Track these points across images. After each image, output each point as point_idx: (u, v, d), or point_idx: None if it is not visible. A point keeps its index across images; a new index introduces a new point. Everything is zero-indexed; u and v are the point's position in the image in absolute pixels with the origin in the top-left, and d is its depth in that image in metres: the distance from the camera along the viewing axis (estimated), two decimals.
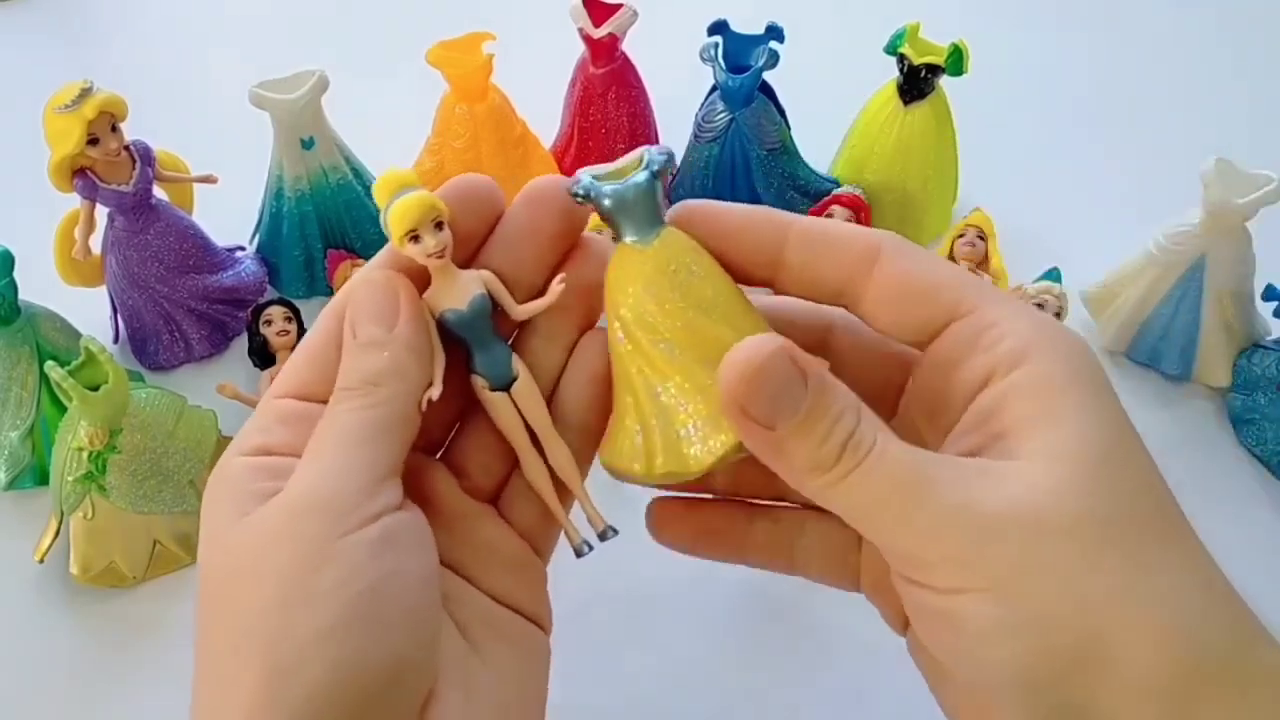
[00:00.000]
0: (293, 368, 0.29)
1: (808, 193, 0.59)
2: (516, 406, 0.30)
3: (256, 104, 0.51)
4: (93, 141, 0.47)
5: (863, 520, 0.25)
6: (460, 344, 0.30)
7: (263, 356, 0.52)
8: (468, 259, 0.30)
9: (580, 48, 0.58)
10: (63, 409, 0.46)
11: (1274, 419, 0.50)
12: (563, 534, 0.33)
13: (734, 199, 0.58)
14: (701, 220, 0.29)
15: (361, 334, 0.28)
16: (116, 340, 0.55)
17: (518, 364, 0.30)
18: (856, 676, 0.43)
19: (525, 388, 0.30)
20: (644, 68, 0.59)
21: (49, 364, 0.41)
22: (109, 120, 0.47)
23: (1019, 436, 0.25)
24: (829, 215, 0.55)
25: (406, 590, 0.26)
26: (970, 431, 0.26)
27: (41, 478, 0.48)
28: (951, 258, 0.54)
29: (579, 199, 0.29)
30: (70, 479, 0.43)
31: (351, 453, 0.27)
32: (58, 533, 0.44)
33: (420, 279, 0.30)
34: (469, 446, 0.32)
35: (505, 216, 0.31)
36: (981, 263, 0.54)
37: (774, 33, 0.55)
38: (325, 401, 0.28)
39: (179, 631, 0.45)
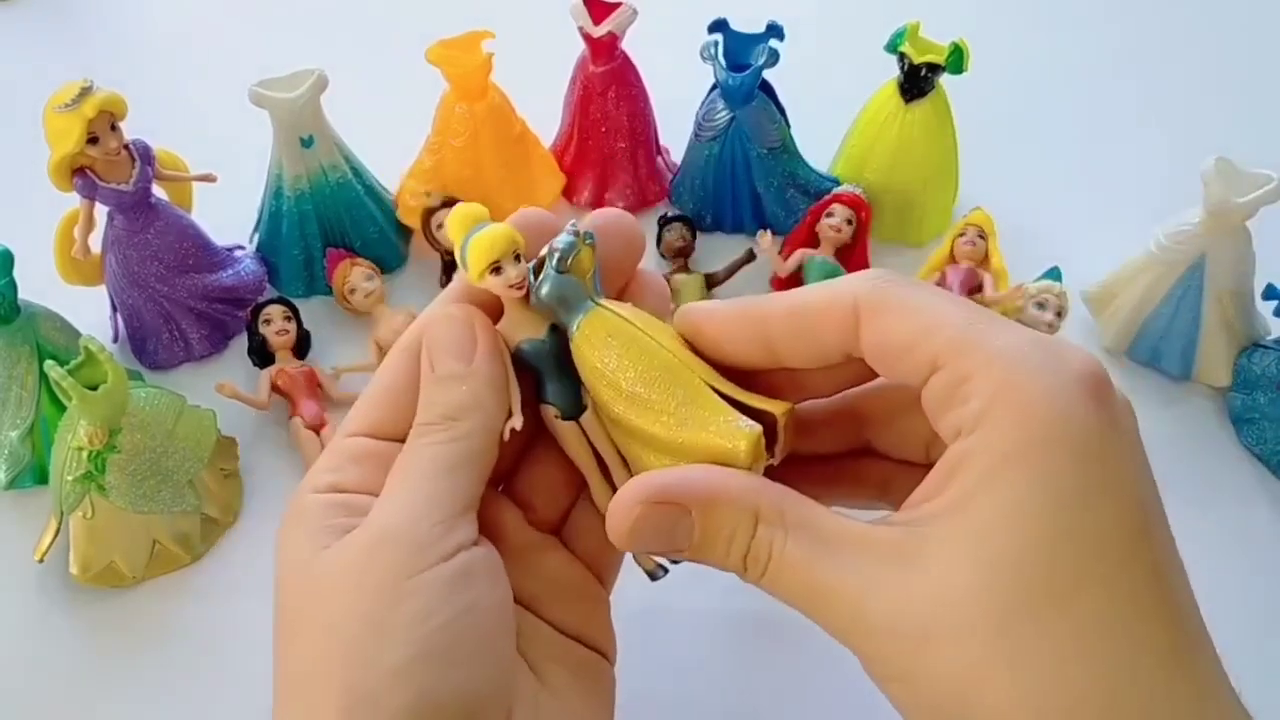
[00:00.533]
0: (365, 405, 0.30)
1: (808, 191, 0.59)
2: (586, 435, 0.31)
3: (256, 103, 0.51)
4: (92, 140, 0.47)
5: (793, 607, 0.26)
6: (531, 374, 0.30)
7: (262, 356, 0.52)
8: None
9: (580, 46, 0.58)
10: (62, 408, 0.46)
11: (1274, 418, 0.50)
12: (628, 560, 0.33)
13: (734, 197, 0.59)
14: (687, 330, 0.30)
15: (440, 368, 0.29)
16: (116, 339, 0.55)
17: (586, 393, 0.30)
18: (856, 678, 0.42)
19: (594, 417, 0.31)
20: (644, 66, 0.59)
21: (48, 363, 0.41)
22: (109, 119, 0.47)
23: (950, 511, 0.24)
24: (829, 214, 0.55)
25: (481, 626, 0.26)
26: (932, 490, 0.26)
27: (41, 477, 0.48)
28: (951, 257, 0.55)
29: None
30: (70, 478, 0.43)
31: (430, 487, 0.27)
32: (57, 532, 0.44)
33: (491, 312, 0.30)
34: (534, 478, 0.32)
35: None
36: (981, 262, 0.54)
37: (774, 31, 0.55)
38: (397, 439, 0.29)
39: (178, 631, 0.45)
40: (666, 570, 0.32)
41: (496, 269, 0.28)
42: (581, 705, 0.30)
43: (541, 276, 0.29)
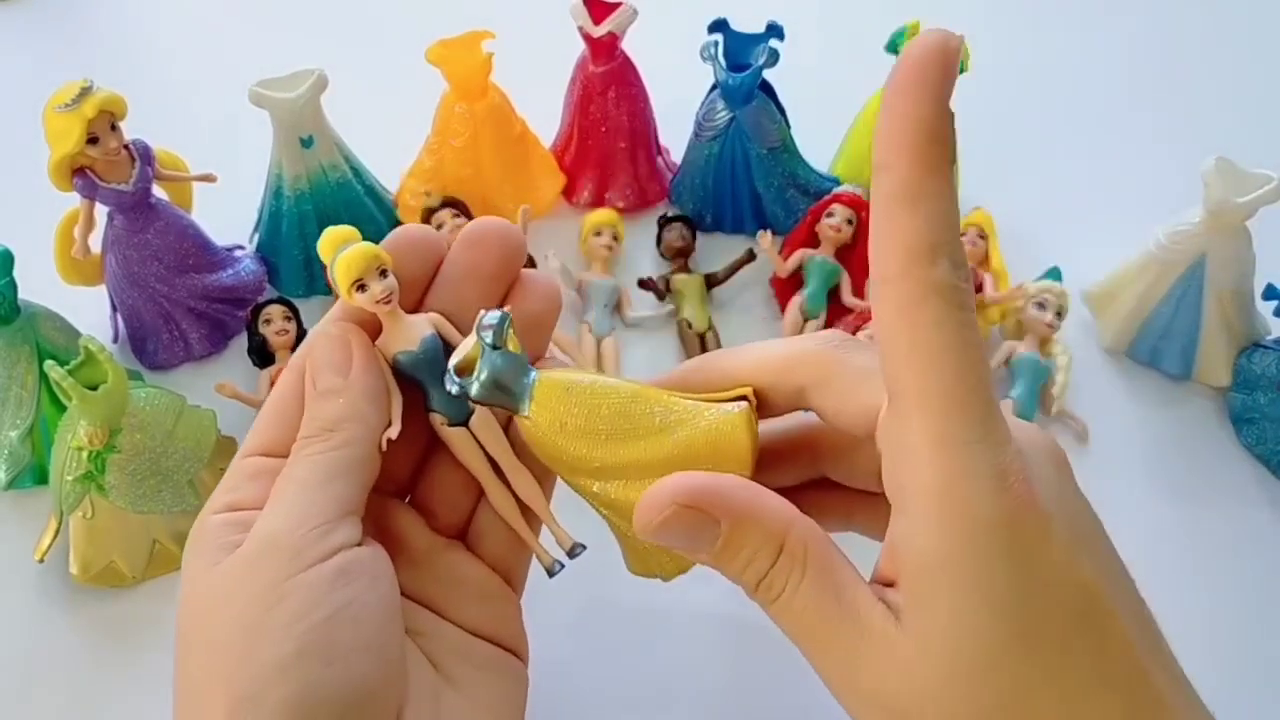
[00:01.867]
0: (259, 426, 0.31)
1: (808, 191, 0.59)
2: (477, 440, 0.32)
3: (256, 103, 0.51)
4: (92, 140, 0.46)
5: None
6: (418, 385, 0.31)
7: (262, 356, 0.52)
8: (415, 304, 0.32)
9: (580, 46, 0.58)
10: (62, 408, 0.46)
11: (1274, 418, 0.50)
12: (534, 558, 0.34)
13: (734, 197, 0.59)
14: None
15: (320, 384, 0.30)
16: (116, 339, 0.55)
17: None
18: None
19: (483, 421, 0.32)
20: (644, 66, 0.59)
21: (48, 363, 0.41)
22: (109, 119, 0.47)
23: (909, 600, 0.24)
24: (829, 214, 0.55)
25: (364, 622, 0.27)
26: (890, 568, 0.26)
27: (41, 477, 0.48)
28: None
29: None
30: (70, 479, 0.43)
31: (308, 495, 0.28)
32: (57, 532, 0.44)
33: (374, 329, 0.31)
34: (433, 485, 0.33)
35: (446, 260, 0.32)
36: (981, 262, 0.54)
37: (774, 31, 0.55)
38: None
39: None
40: (563, 566, 0.33)
41: (361, 286, 0.29)
42: (489, 700, 0.31)
43: (476, 369, 0.28)
